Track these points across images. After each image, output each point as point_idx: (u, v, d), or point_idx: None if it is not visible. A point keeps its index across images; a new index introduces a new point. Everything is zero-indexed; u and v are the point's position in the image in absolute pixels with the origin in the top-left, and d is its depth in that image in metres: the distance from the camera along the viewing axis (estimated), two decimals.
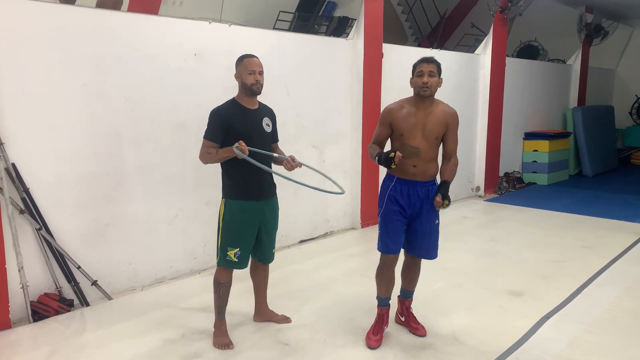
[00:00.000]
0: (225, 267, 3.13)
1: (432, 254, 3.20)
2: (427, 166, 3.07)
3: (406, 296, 3.37)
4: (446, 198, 2.95)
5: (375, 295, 3.28)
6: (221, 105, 3.09)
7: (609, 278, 4.33)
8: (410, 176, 3.08)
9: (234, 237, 3.07)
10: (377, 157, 2.99)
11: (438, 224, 3.18)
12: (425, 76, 2.99)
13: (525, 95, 9.00)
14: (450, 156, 3.12)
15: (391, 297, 3.27)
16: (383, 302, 3.26)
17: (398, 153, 2.86)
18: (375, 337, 3.19)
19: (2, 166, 3.39)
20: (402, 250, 3.24)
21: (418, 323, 3.34)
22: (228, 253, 3.07)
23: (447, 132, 3.09)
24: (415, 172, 3.06)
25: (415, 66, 3.07)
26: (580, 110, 9.87)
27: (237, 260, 3.08)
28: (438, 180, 3.15)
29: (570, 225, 6.14)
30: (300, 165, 3.08)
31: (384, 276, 3.20)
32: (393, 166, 2.88)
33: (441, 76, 3.07)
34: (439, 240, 3.23)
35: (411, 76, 3.10)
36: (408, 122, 3.05)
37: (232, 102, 3.11)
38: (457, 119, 3.12)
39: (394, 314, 3.50)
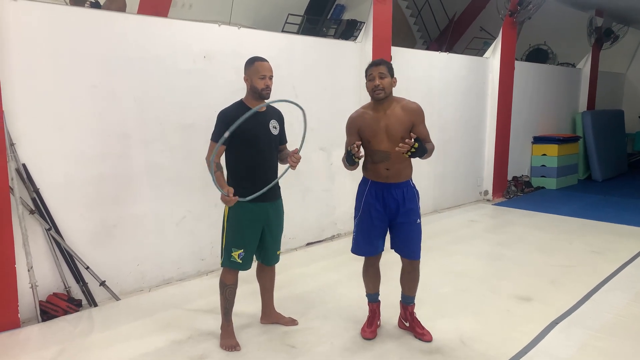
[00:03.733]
0: (230, 269, 3.14)
1: (413, 254, 3.18)
2: (399, 167, 3.09)
3: (407, 301, 3.34)
4: (419, 145, 2.88)
5: (365, 293, 3.40)
6: (228, 106, 3.11)
7: (619, 283, 4.29)
8: (383, 179, 3.10)
9: (238, 238, 3.08)
10: (344, 159, 3.05)
11: (419, 223, 3.17)
12: (377, 79, 3.00)
13: (534, 99, 8.95)
14: None
15: (379, 293, 3.39)
16: (372, 298, 3.38)
17: (357, 143, 2.89)
18: (369, 329, 3.31)
19: (13, 167, 3.42)
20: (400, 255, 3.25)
21: (423, 328, 3.31)
22: (232, 254, 3.08)
23: (413, 128, 3.07)
24: (388, 174, 3.09)
25: (366, 71, 3.08)
26: (590, 114, 9.81)
27: (241, 261, 3.09)
28: (414, 181, 3.21)
29: (579, 230, 6.09)
30: (299, 156, 3.12)
31: (368, 273, 3.32)
32: (356, 160, 2.95)
33: (394, 76, 3.08)
34: (448, 244, 3.22)
35: (366, 81, 3.11)
36: (372, 128, 3.06)
37: (240, 104, 3.12)
38: (420, 112, 3.09)
39: (397, 319, 3.48)
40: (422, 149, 2.91)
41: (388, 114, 3.06)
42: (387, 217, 3.15)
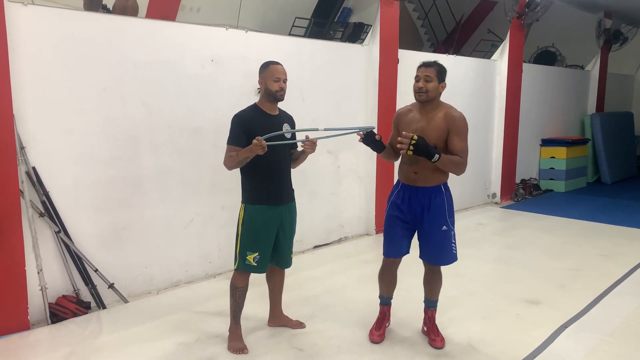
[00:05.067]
0: (242, 272, 3.14)
1: (441, 260, 3.15)
2: (428, 172, 3.02)
3: (428, 306, 3.32)
4: (418, 140, 2.77)
5: (378, 294, 3.39)
6: (243, 110, 3.14)
7: (628, 287, 4.26)
8: (411, 182, 3.09)
9: (253, 242, 3.09)
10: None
11: (447, 230, 3.08)
12: (422, 81, 2.97)
13: (542, 101, 8.91)
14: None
15: (393, 297, 3.37)
16: (384, 301, 3.36)
17: (362, 133, 2.93)
18: (377, 332, 3.30)
19: (23, 170, 3.45)
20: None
21: (438, 335, 3.26)
22: (247, 257, 3.08)
23: (449, 136, 2.98)
24: (416, 178, 3.06)
25: (416, 69, 3.04)
26: (599, 116, 9.75)
27: (256, 264, 3.10)
28: (443, 187, 3.14)
29: (588, 233, 6.05)
30: (315, 140, 3.06)
31: (384, 277, 3.30)
32: (360, 140, 2.95)
33: (444, 81, 3.02)
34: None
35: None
36: (410, 128, 3.02)
37: (254, 108, 3.15)
38: (459, 122, 2.98)
39: (406, 322, 3.50)
40: (424, 148, 2.79)
41: (429, 117, 3.01)
42: (411, 219, 3.11)
